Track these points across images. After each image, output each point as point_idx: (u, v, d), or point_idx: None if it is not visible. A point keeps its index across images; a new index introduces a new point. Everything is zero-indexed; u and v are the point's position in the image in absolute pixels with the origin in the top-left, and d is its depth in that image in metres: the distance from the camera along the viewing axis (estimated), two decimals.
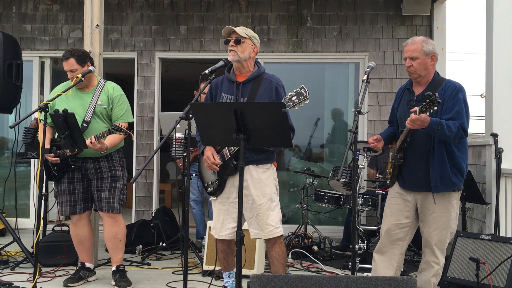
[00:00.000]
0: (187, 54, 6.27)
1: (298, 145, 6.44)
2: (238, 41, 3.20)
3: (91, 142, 3.62)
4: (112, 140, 3.79)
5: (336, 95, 6.50)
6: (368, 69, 3.10)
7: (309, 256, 4.72)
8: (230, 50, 3.20)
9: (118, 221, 3.96)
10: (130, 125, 4.07)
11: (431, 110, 2.82)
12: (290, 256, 4.75)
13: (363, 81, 3.05)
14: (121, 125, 3.65)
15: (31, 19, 6.35)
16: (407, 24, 6.06)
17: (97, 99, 3.89)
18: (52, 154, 3.74)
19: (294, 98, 3.03)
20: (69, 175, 3.93)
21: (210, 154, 3.19)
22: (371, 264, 3.41)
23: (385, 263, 3.26)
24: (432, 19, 5.99)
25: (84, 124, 3.81)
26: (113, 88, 3.96)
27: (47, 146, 3.75)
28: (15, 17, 6.36)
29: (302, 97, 3.01)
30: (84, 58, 3.89)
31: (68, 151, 3.79)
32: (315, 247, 4.92)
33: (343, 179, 4.56)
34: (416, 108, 2.87)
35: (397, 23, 6.07)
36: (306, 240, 5.10)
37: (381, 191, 4.70)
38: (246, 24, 6.12)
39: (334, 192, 5.06)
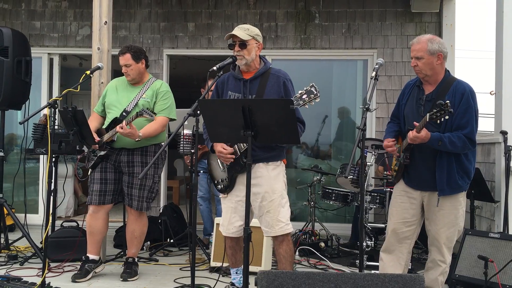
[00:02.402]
0: (195, 51, 6.27)
1: (305, 142, 6.43)
2: (243, 45, 3.18)
3: (121, 127, 3.67)
4: (147, 129, 3.86)
5: (344, 93, 6.48)
6: (377, 66, 3.08)
7: (316, 253, 4.72)
8: (237, 55, 3.19)
9: (138, 220, 4.05)
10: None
11: (442, 119, 2.80)
12: (297, 253, 4.75)
13: (371, 78, 3.02)
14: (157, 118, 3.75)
15: (40, 16, 6.38)
16: (416, 21, 6.02)
17: (143, 93, 4.02)
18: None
19: (304, 96, 2.95)
20: (102, 164, 4.00)
21: (220, 147, 3.18)
22: (378, 262, 3.40)
23: (393, 262, 3.25)
24: (441, 16, 5.95)
25: (124, 113, 3.94)
26: (161, 84, 4.12)
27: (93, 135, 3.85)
28: (24, 14, 6.40)
29: (313, 95, 2.94)
30: (139, 54, 4.03)
31: (105, 137, 3.86)
32: (322, 244, 4.91)
33: (351, 176, 4.55)
34: (417, 124, 2.89)
35: (406, 20, 6.04)
36: (313, 237, 5.10)
37: (389, 189, 4.68)
38: (254, 21, 6.11)
39: (341, 189, 5.05)
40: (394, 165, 3.32)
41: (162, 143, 4.12)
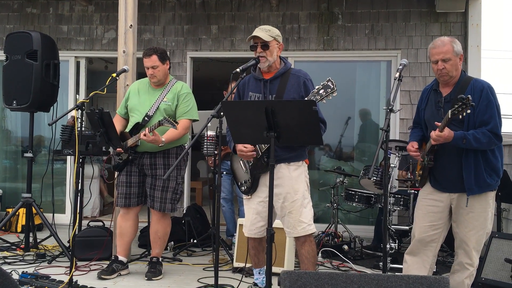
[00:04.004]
0: (218, 53, 6.33)
1: (328, 144, 6.41)
2: (266, 46, 3.19)
3: (144, 134, 3.73)
4: (169, 134, 3.90)
5: (367, 94, 6.43)
6: (401, 67, 3.06)
7: (339, 255, 4.70)
8: (260, 57, 3.20)
9: (162, 220, 4.09)
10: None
11: (464, 114, 2.77)
12: (320, 255, 4.74)
13: (395, 79, 3.01)
14: (177, 122, 3.76)
15: (67, 20, 6.53)
16: (441, 21, 5.95)
17: (164, 96, 4.04)
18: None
19: (321, 91, 2.98)
20: (127, 168, 4.07)
21: (241, 146, 3.20)
22: (402, 265, 3.37)
23: (418, 264, 3.21)
24: (467, 16, 5.86)
25: (146, 118, 3.97)
26: (182, 86, 4.12)
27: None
28: (52, 18, 6.55)
29: (330, 89, 2.95)
30: (165, 56, 4.08)
31: (129, 142, 3.93)
32: (346, 246, 4.89)
33: (374, 178, 4.52)
34: (439, 124, 2.85)
35: (431, 20, 5.97)
36: (336, 239, 5.08)
37: (413, 191, 4.63)
38: (277, 23, 6.13)
39: (365, 191, 5.01)
40: (418, 170, 3.28)
41: (184, 145, 4.17)
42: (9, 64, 4.78)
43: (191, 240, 5.11)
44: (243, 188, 3.38)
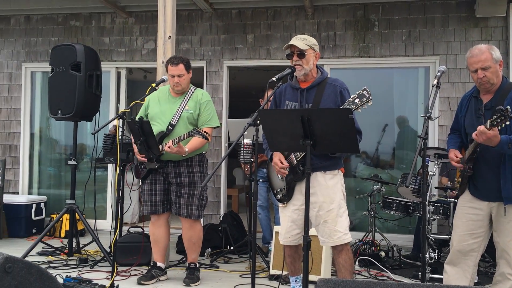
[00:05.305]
0: (254, 61, 6.39)
1: (365, 151, 6.35)
2: (302, 55, 3.21)
3: (168, 147, 3.81)
4: (192, 144, 3.97)
5: (405, 101, 6.35)
6: (439, 74, 3.03)
7: (377, 264, 4.64)
8: (296, 65, 3.23)
9: (193, 226, 4.15)
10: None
11: (503, 125, 2.70)
12: (357, 263, 4.70)
13: (433, 86, 2.98)
14: (202, 130, 3.80)
15: (109, 32, 6.75)
16: (481, 26, 5.82)
17: (185, 104, 4.10)
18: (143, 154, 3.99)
19: (356, 100, 2.98)
20: (152, 176, 4.16)
21: (277, 160, 3.23)
22: (442, 275, 3.30)
23: (458, 275, 3.14)
24: (508, 20, 5.70)
25: (170, 127, 4.03)
26: (202, 94, 4.18)
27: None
28: (94, 30, 6.79)
29: (365, 98, 2.95)
30: (189, 65, 4.17)
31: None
32: (383, 253, 4.82)
33: (412, 186, 4.45)
34: (482, 127, 2.79)
35: (470, 25, 5.85)
36: (373, 248, 5.01)
37: (453, 199, 4.53)
38: (312, 31, 6.15)
39: (403, 199, 4.94)
40: (458, 177, 3.23)
41: (205, 153, 4.22)
42: (54, 75, 4.98)
43: (228, 247, 5.16)
44: (278, 196, 3.40)
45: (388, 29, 6.03)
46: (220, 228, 5.36)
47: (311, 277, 3.36)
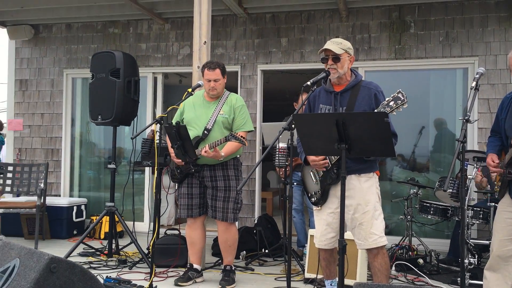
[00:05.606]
0: (287, 65, 6.41)
1: (401, 154, 6.27)
2: (337, 59, 3.22)
3: (205, 151, 3.87)
4: (228, 148, 4.03)
5: (442, 103, 6.23)
6: (477, 76, 2.97)
7: (414, 269, 4.57)
8: (330, 69, 3.23)
9: (229, 229, 4.20)
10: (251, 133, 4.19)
11: None
12: (393, 268, 4.64)
13: (471, 88, 2.93)
14: (238, 134, 3.85)
15: (146, 38, 6.91)
16: None
17: (220, 109, 4.16)
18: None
19: (391, 103, 2.97)
20: (188, 180, 4.23)
21: (314, 157, 3.24)
22: (482, 281, 3.23)
23: (498, 281, 3.07)
24: None
25: (205, 132, 4.10)
26: (236, 99, 4.23)
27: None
28: (131, 37, 6.97)
29: (400, 101, 2.94)
30: (225, 70, 4.23)
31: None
32: (421, 260, 4.75)
33: (450, 190, 4.37)
34: None
35: (510, 24, 5.69)
36: (410, 253, 4.94)
37: (493, 204, 4.41)
38: (346, 33, 6.12)
39: (440, 203, 4.85)
40: (497, 181, 3.15)
41: (238, 156, 4.26)
42: (94, 82, 5.14)
43: (263, 250, 5.18)
44: (313, 199, 3.41)
45: (425, 30, 5.94)
46: (255, 231, 5.40)
47: (347, 281, 3.34)
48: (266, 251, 5.16)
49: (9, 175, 6.02)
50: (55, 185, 7.17)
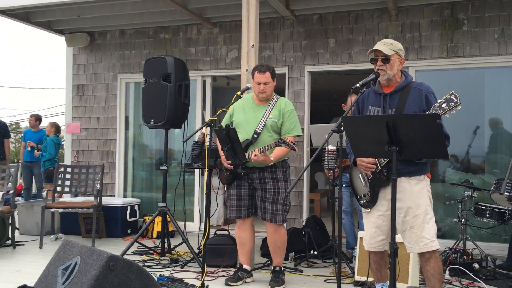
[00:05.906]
0: (335, 66, 6.37)
1: (455, 155, 6.09)
2: (386, 60, 3.17)
3: (255, 155, 3.93)
4: (277, 152, 4.08)
5: (498, 102, 6.00)
6: None
7: (469, 274, 4.44)
8: (379, 70, 3.20)
9: (278, 231, 4.24)
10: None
11: None
12: (447, 272, 4.52)
13: None
14: (287, 139, 3.89)
15: (195, 42, 7.07)
16: None
17: (269, 113, 4.20)
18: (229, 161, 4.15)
19: (444, 105, 2.90)
20: (237, 182, 4.30)
21: (361, 158, 3.22)
22: None
23: None
24: None
25: (255, 136, 4.15)
26: (285, 103, 4.26)
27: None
28: (181, 41, 7.14)
29: (453, 103, 2.86)
30: (275, 73, 4.29)
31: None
32: (476, 265, 4.60)
33: (508, 193, 4.21)
34: None
35: None
36: (465, 257, 4.79)
37: None
38: (396, 32, 6.02)
39: (497, 206, 4.68)
40: None
41: (286, 158, 4.28)
42: (147, 86, 5.32)
43: (311, 252, 5.18)
44: (362, 201, 3.38)
45: (479, 27, 5.75)
46: (303, 233, 5.41)
47: (399, 285, 3.30)
48: (315, 252, 5.16)
49: (68, 176, 6.33)
50: (110, 186, 7.46)
